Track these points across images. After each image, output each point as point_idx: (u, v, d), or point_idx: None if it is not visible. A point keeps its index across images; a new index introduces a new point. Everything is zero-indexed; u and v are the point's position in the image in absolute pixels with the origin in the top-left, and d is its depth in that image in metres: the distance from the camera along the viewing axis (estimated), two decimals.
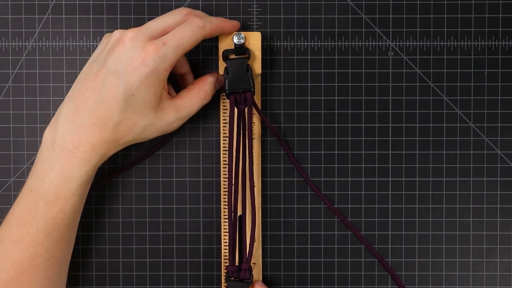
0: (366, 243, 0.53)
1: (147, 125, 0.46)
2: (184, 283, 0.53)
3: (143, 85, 0.45)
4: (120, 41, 0.45)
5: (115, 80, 0.45)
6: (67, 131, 0.45)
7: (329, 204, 0.53)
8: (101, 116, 0.45)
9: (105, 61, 0.45)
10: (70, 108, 0.46)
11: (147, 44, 0.45)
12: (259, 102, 0.52)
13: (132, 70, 0.44)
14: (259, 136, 0.53)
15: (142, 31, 0.46)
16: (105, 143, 0.46)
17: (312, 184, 0.52)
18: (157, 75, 0.45)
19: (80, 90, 0.46)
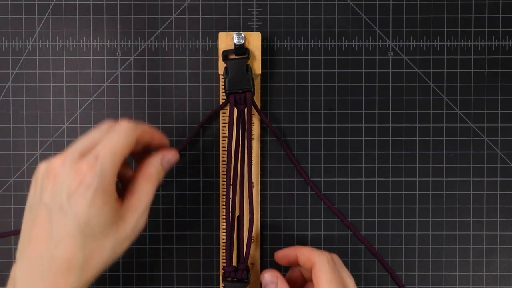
0: (366, 243, 0.53)
1: (115, 244, 0.41)
2: (184, 283, 0.53)
3: (93, 209, 0.39)
4: (50, 174, 0.40)
5: (62, 217, 0.39)
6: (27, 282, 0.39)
7: (329, 204, 0.53)
8: (61, 262, 0.39)
9: (42, 201, 0.40)
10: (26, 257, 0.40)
11: (79, 164, 0.39)
12: (259, 102, 0.52)
13: (75, 199, 0.39)
14: (258, 136, 0.53)
15: (69, 154, 0.40)
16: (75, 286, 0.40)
17: (312, 184, 0.52)
18: (103, 191, 0.39)
19: (30, 239, 0.40)
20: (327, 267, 0.44)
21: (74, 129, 0.53)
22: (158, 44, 0.53)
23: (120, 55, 0.53)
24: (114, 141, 0.41)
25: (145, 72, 0.53)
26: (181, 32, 0.53)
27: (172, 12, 0.53)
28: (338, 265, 0.45)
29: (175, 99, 0.53)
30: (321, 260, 0.44)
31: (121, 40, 0.53)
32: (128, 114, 0.53)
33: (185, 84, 0.53)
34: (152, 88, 0.53)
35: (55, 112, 0.53)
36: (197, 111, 0.53)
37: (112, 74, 0.53)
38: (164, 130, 0.53)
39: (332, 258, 0.45)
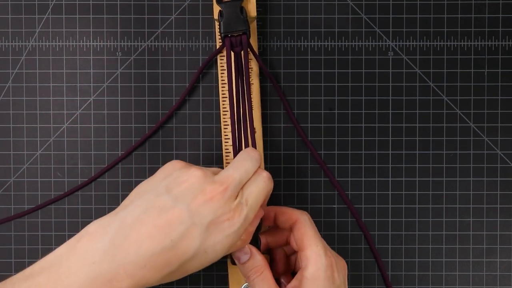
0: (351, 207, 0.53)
1: (191, 272, 0.42)
2: (184, 283, 0.53)
3: (219, 245, 0.41)
4: (207, 193, 0.41)
5: (196, 234, 0.40)
6: (113, 259, 0.40)
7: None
8: (161, 262, 0.40)
9: (184, 206, 0.41)
10: (126, 236, 0.40)
11: (233, 203, 0.42)
12: (256, 47, 0.52)
13: (215, 229, 0.41)
14: (257, 83, 0.52)
15: (231, 187, 0.42)
16: (146, 283, 0.41)
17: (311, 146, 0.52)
18: (237, 235, 0.42)
19: (144, 222, 0.40)
20: (309, 223, 0.46)
21: (74, 129, 0.53)
22: (158, 44, 0.53)
23: (120, 55, 0.53)
24: (259, 191, 0.43)
25: (145, 72, 0.53)
26: (181, 32, 0.53)
27: (172, 12, 0.53)
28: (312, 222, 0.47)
29: (175, 99, 0.53)
30: (303, 217, 0.46)
31: (121, 40, 0.53)
32: (128, 114, 0.53)
33: (185, 84, 0.53)
34: (152, 88, 0.53)
35: (55, 112, 0.53)
36: (197, 111, 0.53)
37: (112, 74, 0.53)
38: (164, 130, 0.53)
39: (309, 217, 0.46)
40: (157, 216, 0.40)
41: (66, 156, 0.53)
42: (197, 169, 0.42)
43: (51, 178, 0.53)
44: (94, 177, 0.53)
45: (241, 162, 0.44)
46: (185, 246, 0.40)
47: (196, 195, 0.41)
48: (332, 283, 0.43)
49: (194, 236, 0.40)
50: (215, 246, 0.41)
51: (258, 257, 0.45)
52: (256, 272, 0.45)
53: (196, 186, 0.42)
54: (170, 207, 0.41)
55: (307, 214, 0.46)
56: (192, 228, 0.40)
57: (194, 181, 0.42)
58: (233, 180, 0.42)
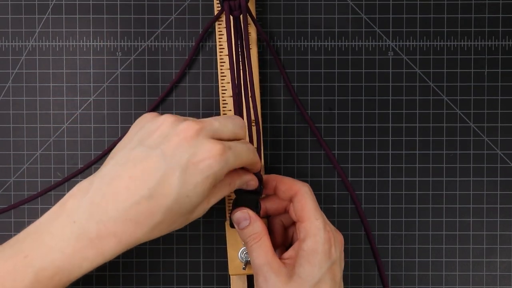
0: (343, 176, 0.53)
1: (183, 222, 0.42)
2: (184, 283, 0.53)
3: (200, 187, 0.40)
4: (180, 132, 0.40)
5: (173, 178, 0.39)
6: (94, 217, 0.39)
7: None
8: (143, 213, 0.39)
9: (159, 151, 0.39)
10: (103, 193, 0.39)
11: (213, 143, 0.40)
12: (254, 12, 0.51)
13: (193, 169, 0.39)
14: (255, 47, 0.52)
15: (207, 128, 0.41)
16: (135, 241, 0.40)
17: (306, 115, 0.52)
18: (215, 179, 0.40)
19: (120, 176, 0.39)
20: (310, 195, 0.45)
21: (74, 129, 0.53)
22: (158, 44, 0.53)
23: (120, 55, 0.53)
24: (244, 151, 0.42)
25: (145, 72, 0.53)
26: (181, 32, 0.53)
27: (172, 12, 0.53)
28: (313, 194, 0.46)
29: (175, 99, 0.53)
30: (304, 188, 0.46)
31: (121, 40, 0.53)
32: (128, 114, 0.53)
33: (185, 84, 0.53)
34: (152, 88, 0.53)
35: (55, 112, 0.53)
36: (197, 111, 0.53)
37: (112, 74, 0.53)
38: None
39: (310, 188, 0.46)
40: (132, 168, 0.39)
41: (66, 156, 0.53)
42: (168, 116, 0.41)
43: (51, 178, 0.53)
44: None
45: (223, 118, 0.43)
46: (164, 192, 0.39)
47: (170, 138, 0.40)
48: (328, 257, 0.44)
49: (172, 180, 0.39)
50: (196, 189, 0.40)
51: (258, 223, 0.45)
52: (254, 238, 0.45)
53: (169, 130, 0.40)
54: (144, 157, 0.40)
55: (308, 186, 0.46)
56: (168, 172, 0.39)
57: (165, 126, 0.41)
58: (210, 123, 0.41)
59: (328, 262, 0.43)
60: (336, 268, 0.44)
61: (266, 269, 0.44)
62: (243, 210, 0.46)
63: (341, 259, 0.45)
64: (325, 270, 0.43)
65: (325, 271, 0.43)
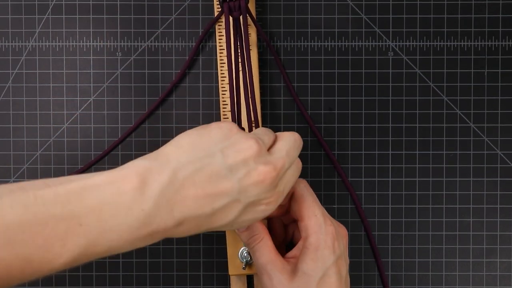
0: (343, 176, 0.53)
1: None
2: (184, 283, 0.53)
3: (247, 222, 0.41)
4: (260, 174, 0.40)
5: (235, 210, 0.40)
6: (161, 211, 0.38)
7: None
8: (195, 225, 0.39)
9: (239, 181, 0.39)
10: (175, 190, 0.38)
11: (274, 190, 0.41)
12: (254, 11, 0.51)
13: (251, 210, 0.41)
14: (255, 47, 0.52)
15: (279, 175, 0.41)
16: (172, 237, 0.40)
17: (304, 109, 0.52)
18: (262, 218, 0.42)
19: (194, 183, 0.39)
20: (306, 192, 0.45)
21: (74, 129, 0.53)
22: (158, 44, 0.53)
23: (120, 55, 0.53)
24: (292, 181, 0.43)
25: (145, 72, 0.53)
26: (181, 32, 0.53)
27: (172, 12, 0.53)
28: (310, 189, 0.46)
29: (175, 99, 0.53)
30: (299, 186, 0.46)
31: (121, 40, 0.53)
32: (128, 114, 0.53)
33: (185, 84, 0.53)
34: (152, 88, 0.53)
35: (55, 112, 0.53)
36: (197, 111, 0.53)
37: (112, 74, 0.53)
38: (164, 130, 0.53)
39: (307, 184, 0.46)
40: (207, 181, 0.39)
41: (66, 156, 0.53)
42: (254, 142, 0.41)
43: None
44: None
45: (292, 148, 0.43)
46: (221, 217, 0.39)
47: (250, 171, 0.40)
48: (332, 252, 0.44)
49: (233, 211, 0.40)
50: (241, 223, 0.41)
51: (257, 225, 0.45)
52: (256, 239, 0.45)
53: (251, 161, 0.40)
54: (222, 177, 0.39)
55: (303, 182, 0.46)
56: (234, 203, 0.39)
57: (250, 154, 0.40)
58: (283, 167, 0.41)
59: (332, 257, 0.43)
60: (341, 263, 0.44)
61: (270, 268, 0.44)
62: None
63: (346, 253, 0.45)
64: (329, 265, 0.43)
65: (329, 266, 0.43)
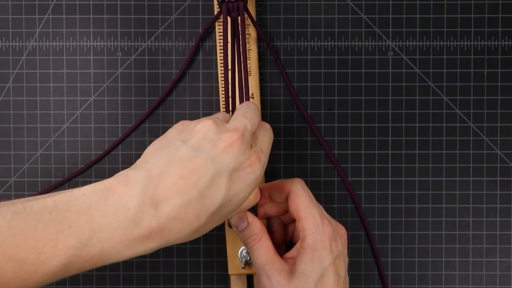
0: (343, 176, 0.53)
1: (212, 226, 0.42)
2: (184, 283, 0.53)
3: (243, 193, 0.41)
4: (226, 140, 0.40)
5: (221, 182, 0.39)
6: (147, 209, 0.38)
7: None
8: (191, 214, 0.39)
9: (206, 154, 0.39)
10: (155, 186, 0.38)
11: (251, 150, 0.41)
12: (254, 13, 0.51)
13: (237, 176, 0.40)
14: (255, 47, 0.52)
15: (246, 135, 0.41)
16: (174, 241, 0.39)
17: (304, 109, 0.52)
18: (256, 183, 0.42)
19: (169, 173, 0.39)
20: (302, 192, 0.45)
21: (74, 129, 0.53)
22: (158, 44, 0.53)
23: (120, 55, 0.53)
24: (268, 141, 0.43)
25: (145, 72, 0.53)
26: (181, 32, 0.53)
27: (172, 12, 0.53)
28: (307, 188, 0.46)
29: (175, 99, 0.53)
30: (295, 186, 0.46)
31: (121, 40, 0.53)
32: (128, 114, 0.53)
33: (185, 84, 0.53)
34: (152, 88, 0.53)
35: (55, 112, 0.53)
36: (197, 111, 0.53)
37: (112, 74, 0.53)
38: (164, 130, 0.53)
39: (304, 183, 0.46)
40: (180, 167, 0.39)
41: (66, 156, 0.53)
42: (207, 119, 0.41)
43: (51, 178, 0.53)
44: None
45: (246, 111, 0.43)
46: (212, 195, 0.39)
47: (215, 142, 0.40)
48: (329, 252, 0.44)
49: (220, 185, 0.39)
50: (238, 194, 0.40)
51: (256, 224, 0.45)
52: (254, 239, 0.45)
53: (212, 134, 0.40)
54: (191, 157, 0.39)
55: (299, 181, 0.46)
56: (217, 177, 0.39)
57: (207, 129, 0.41)
58: (245, 127, 0.41)
59: (330, 257, 0.43)
60: (339, 262, 0.44)
61: (269, 268, 0.44)
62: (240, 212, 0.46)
63: (345, 252, 0.45)
64: (327, 265, 0.43)
65: (327, 266, 0.43)
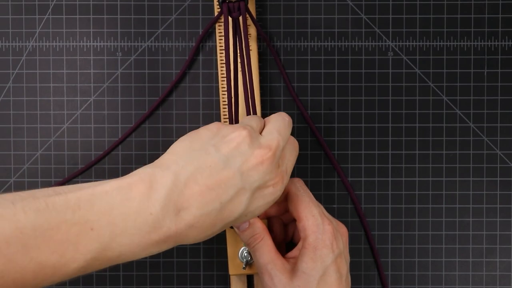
0: (342, 176, 0.53)
1: (225, 228, 0.42)
2: (184, 283, 0.53)
3: (258, 210, 0.41)
4: (258, 157, 0.40)
5: (243, 198, 0.40)
6: (169, 214, 0.38)
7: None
8: (208, 223, 0.39)
9: (239, 168, 0.40)
10: (180, 192, 0.38)
11: (277, 170, 0.41)
12: (253, 12, 0.51)
13: (259, 194, 0.41)
14: (255, 46, 0.52)
15: (277, 154, 0.41)
16: (185, 242, 0.40)
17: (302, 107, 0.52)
18: (273, 202, 0.42)
19: (196, 181, 0.38)
20: (301, 192, 0.46)
21: (74, 129, 0.53)
22: (158, 44, 0.53)
23: (120, 55, 0.53)
24: (293, 160, 0.44)
25: (145, 72, 0.53)
26: (181, 32, 0.53)
27: (172, 12, 0.53)
28: (306, 188, 0.46)
29: (175, 99, 0.53)
30: (294, 186, 0.46)
31: (121, 40, 0.53)
32: (128, 114, 0.53)
33: (185, 84, 0.53)
34: (152, 88, 0.53)
35: (55, 112, 0.53)
36: (197, 111, 0.53)
37: (112, 74, 0.53)
38: (164, 130, 0.53)
39: (303, 183, 0.46)
40: (208, 176, 0.39)
41: (66, 156, 0.53)
42: (242, 129, 0.41)
43: (51, 178, 0.53)
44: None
45: (281, 127, 0.43)
46: (231, 209, 0.39)
47: (247, 157, 0.40)
48: (331, 251, 0.44)
49: (241, 200, 0.40)
50: (255, 211, 0.41)
51: (257, 224, 0.46)
52: (256, 239, 0.45)
53: (245, 147, 0.40)
54: (221, 168, 0.39)
55: (298, 181, 0.46)
56: (240, 192, 0.39)
57: (241, 140, 0.40)
58: (278, 145, 0.41)
59: (331, 256, 0.44)
60: (341, 261, 0.44)
61: (271, 267, 0.44)
62: None
63: (346, 251, 0.45)
64: (328, 264, 0.43)
65: (328, 265, 0.43)
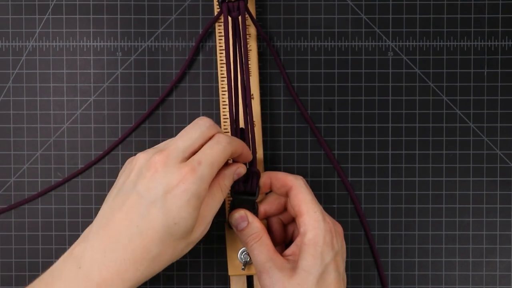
0: (342, 175, 0.53)
1: (184, 247, 0.42)
2: (184, 283, 0.53)
3: (185, 212, 0.40)
4: (150, 167, 0.41)
5: (154, 210, 0.40)
6: (95, 261, 0.40)
7: (310, 120, 0.53)
8: (137, 250, 0.40)
9: (136, 190, 0.41)
10: (100, 238, 0.41)
11: (182, 166, 0.41)
12: (253, 12, 0.51)
13: (171, 197, 0.40)
14: (255, 46, 0.52)
15: (173, 154, 0.41)
16: (140, 278, 0.41)
17: (301, 105, 0.52)
18: (198, 197, 0.41)
19: (110, 221, 0.41)
20: (305, 188, 0.45)
21: (74, 129, 0.53)
22: (158, 44, 0.53)
23: (120, 55, 0.53)
24: (215, 153, 0.42)
25: (145, 72, 0.53)
26: (181, 32, 0.53)
27: (172, 12, 0.53)
28: (308, 186, 0.46)
29: (175, 99, 0.53)
30: (298, 182, 0.46)
31: (121, 40, 0.53)
32: (128, 114, 0.53)
33: (185, 84, 0.53)
34: (152, 88, 0.53)
35: (55, 112, 0.53)
36: (197, 111, 0.53)
37: (112, 74, 0.53)
38: (164, 130, 0.53)
39: (306, 182, 0.46)
40: (118, 211, 0.41)
41: (66, 156, 0.53)
42: (141, 153, 0.43)
43: (51, 178, 0.53)
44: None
45: (186, 131, 0.43)
46: (151, 225, 0.40)
47: (143, 174, 0.41)
48: (331, 248, 0.44)
49: (154, 213, 0.40)
50: (181, 214, 0.40)
51: (256, 224, 0.46)
52: (254, 238, 0.45)
53: (140, 167, 0.42)
54: (125, 198, 0.41)
55: (302, 179, 0.46)
56: (149, 207, 0.40)
57: (139, 163, 0.42)
58: (175, 147, 0.42)
59: (331, 253, 0.44)
60: (339, 259, 0.44)
61: (269, 266, 0.44)
62: (240, 212, 0.46)
63: (343, 250, 0.45)
64: (328, 261, 0.43)
65: (328, 262, 0.43)
